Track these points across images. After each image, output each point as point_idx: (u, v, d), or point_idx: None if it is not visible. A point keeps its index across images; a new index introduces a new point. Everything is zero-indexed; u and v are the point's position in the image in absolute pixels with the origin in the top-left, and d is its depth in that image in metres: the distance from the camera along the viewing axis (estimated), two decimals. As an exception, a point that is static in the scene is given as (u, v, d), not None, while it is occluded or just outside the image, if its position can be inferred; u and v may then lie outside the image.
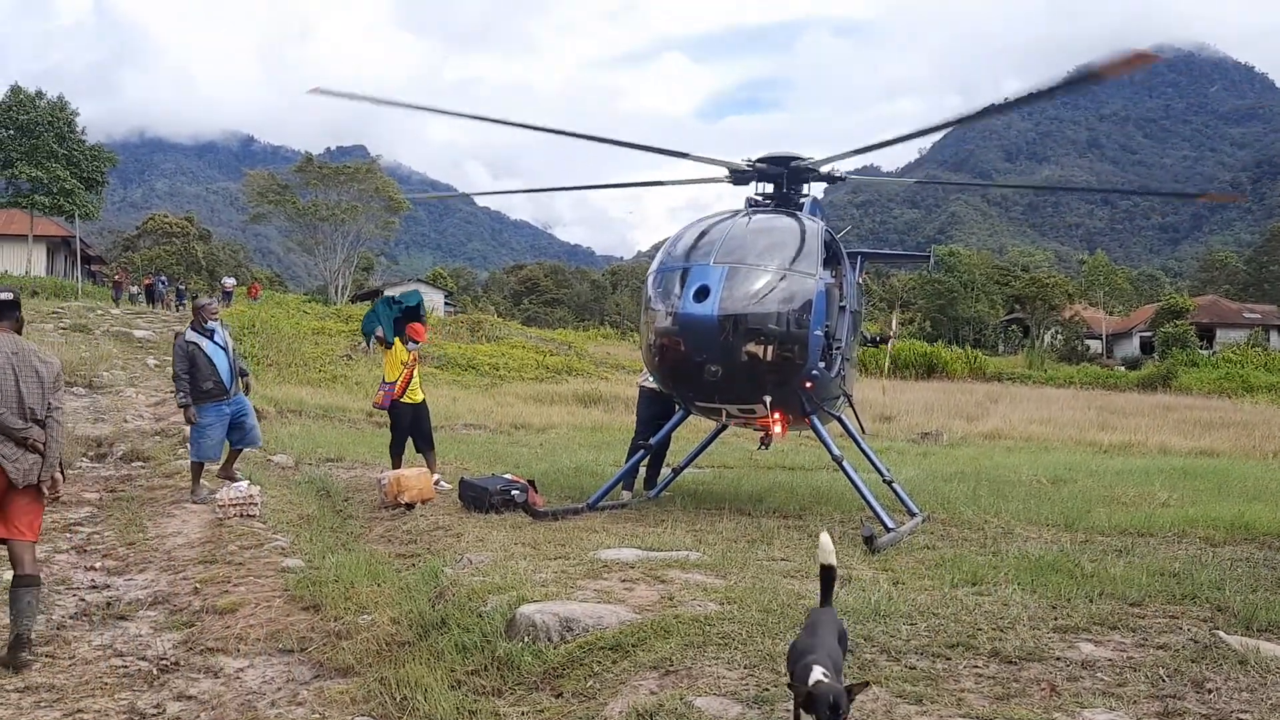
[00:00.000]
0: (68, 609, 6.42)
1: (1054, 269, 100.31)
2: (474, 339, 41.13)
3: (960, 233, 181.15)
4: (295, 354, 29.84)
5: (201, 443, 9.97)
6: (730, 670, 4.31)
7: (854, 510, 9.50)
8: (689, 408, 9.13)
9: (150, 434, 14.48)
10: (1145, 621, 5.22)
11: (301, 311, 42.48)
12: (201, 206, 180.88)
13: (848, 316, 9.29)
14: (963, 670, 4.33)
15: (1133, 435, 23.45)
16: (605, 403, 26.90)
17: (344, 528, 9.06)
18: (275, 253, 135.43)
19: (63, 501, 9.88)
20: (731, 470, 14.01)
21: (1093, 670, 4.36)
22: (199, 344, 10.00)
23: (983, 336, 79.75)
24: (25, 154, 48.73)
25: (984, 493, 11.09)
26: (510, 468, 11.61)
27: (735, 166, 9.59)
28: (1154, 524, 9.00)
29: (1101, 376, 53.62)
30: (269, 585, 6.77)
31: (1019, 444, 21.97)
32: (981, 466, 15.04)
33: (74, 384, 18.68)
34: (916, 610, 5.26)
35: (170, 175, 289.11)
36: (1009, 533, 8.49)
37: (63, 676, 5.19)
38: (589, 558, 6.68)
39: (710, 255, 8.26)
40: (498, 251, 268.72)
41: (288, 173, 72.52)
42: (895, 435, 22.71)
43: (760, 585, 5.81)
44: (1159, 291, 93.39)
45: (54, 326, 26.80)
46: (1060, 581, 6.10)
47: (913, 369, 47.68)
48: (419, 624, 5.55)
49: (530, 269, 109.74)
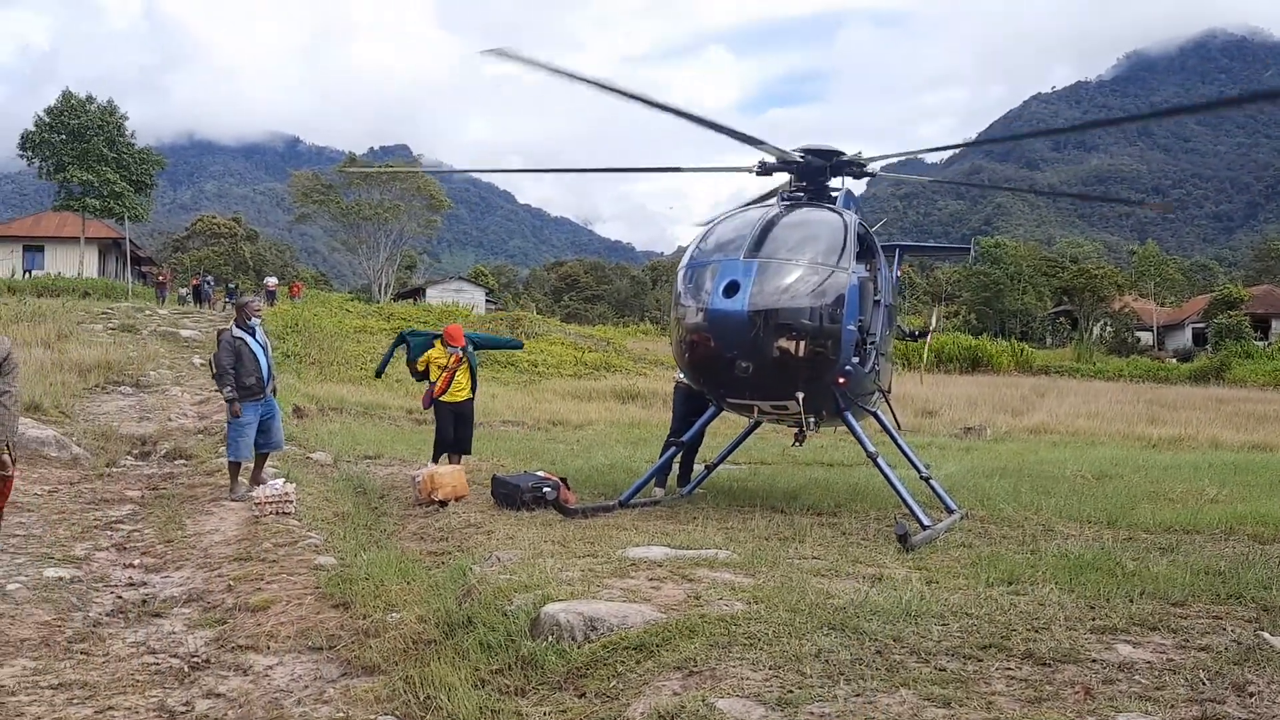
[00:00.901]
0: (104, 606, 6.49)
1: (1103, 260, 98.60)
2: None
3: (1006, 224, 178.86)
4: (337, 352, 30.13)
5: (239, 442, 10.06)
6: (755, 671, 4.24)
7: (890, 507, 9.36)
8: (720, 404, 9.06)
9: (193, 432, 14.67)
10: (1187, 622, 5.08)
11: (344, 310, 42.93)
12: (249, 207, 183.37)
13: (882, 311, 9.16)
14: (994, 672, 4.23)
15: (1183, 429, 23.01)
16: (643, 399, 26.86)
17: (378, 525, 9.10)
18: (320, 252, 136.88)
19: (106, 500, 10.07)
20: (768, 466, 13.91)
21: (1130, 672, 4.24)
22: (244, 339, 10.11)
23: (1030, 329, 78.71)
24: (76, 158, 49.76)
25: (1025, 489, 10.91)
26: (545, 464, 11.60)
27: (786, 155, 9.33)
28: (1201, 521, 8.80)
29: (1152, 369, 52.71)
30: (301, 583, 6.80)
31: (1065, 439, 21.62)
32: (1024, 462, 14.82)
33: (121, 383, 19.01)
34: (949, 610, 5.15)
35: (218, 177, 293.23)
36: (1049, 530, 8.34)
37: (96, 673, 5.23)
38: (617, 556, 6.64)
39: (740, 250, 8.17)
40: (538, 248, 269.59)
41: (331, 172, 73.35)
42: (938, 430, 22.46)
43: (789, 584, 5.73)
44: (1212, 282, 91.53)
45: (103, 327, 27.27)
46: (1100, 580, 5.97)
47: (957, 362, 47.16)
48: (445, 622, 5.54)
49: (570, 265, 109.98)
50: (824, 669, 4.21)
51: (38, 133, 50.88)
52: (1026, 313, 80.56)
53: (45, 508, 9.45)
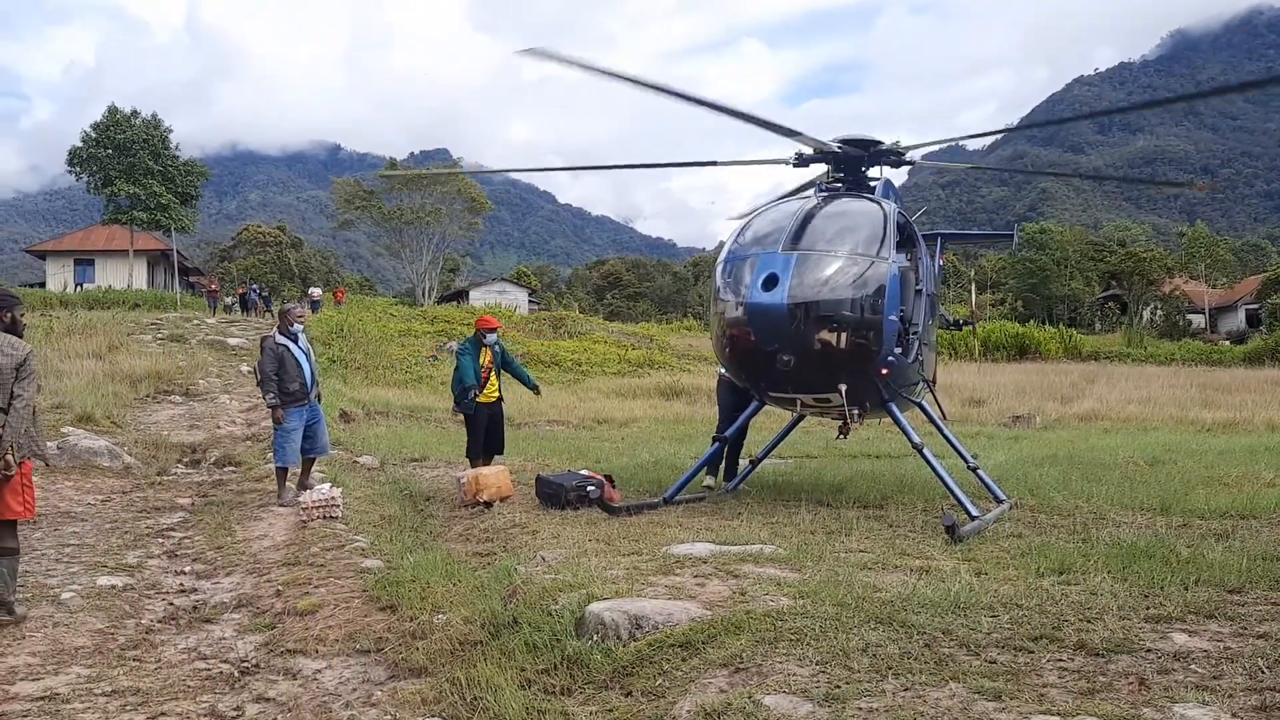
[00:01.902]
0: (156, 613, 6.58)
1: (1152, 242, 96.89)
2: (557, 335, 41.45)
3: (1052, 209, 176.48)
4: (382, 356, 30.39)
5: (286, 447, 10.16)
6: (801, 667, 4.20)
7: (938, 498, 9.25)
8: (762, 398, 9.00)
9: (242, 439, 14.87)
10: (1244, 610, 4.96)
11: (388, 314, 43.29)
12: (292, 215, 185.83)
13: (924, 300, 9.05)
14: (1046, 664, 4.15)
15: (1238, 412, 22.51)
16: (687, 395, 26.82)
17: (424, 527, 9.15)
18: (364, 257, 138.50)
19: (157, 508, 10.24)
20: (814, 460, 13.82)
21: (1186, 662, 4.14)
22: (287, 346, 10.21)
23: (1078, 315, 77.53)
24: (123, 172, 50.61)
25: (1076, 477, 10.73)
26: (590, 463, 11.61)
27: (822, 145, 9.26)
28: (1258, 506, 8.60)
29: (1205, 352, 51.65)
30: (348, 586, 6.85)
31: (1116, 425, 21.26)
32: (1075, 450, 14.57)
33: (171, 392, 19.31)
34: (999, 601, 5.07)
35: (262, 186, 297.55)
36: (1101, 518, 8.19)
37: (148, 680, 5.30)
38: (661, 553, 6.61)
39: (779, 243, 8.11)
40: (580, 248, 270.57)
41: (373, 178, 74.06)
42: (985, 420, 22.18)
43: (835, 579, 5.66)
44: (1265, 262, 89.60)
45: (153, 337, 27.72)
46: (1154, 568, 5.84)
47: (1004, 350, 46.55)
48: (491, 623, 5.54)
49: (612, 264, 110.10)
50: (871, 663, 4.15)
51: (85, 148, 51.81)
52: (1074, 298, 79.34)
53: (98, 517, 9.62)
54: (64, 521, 9.28)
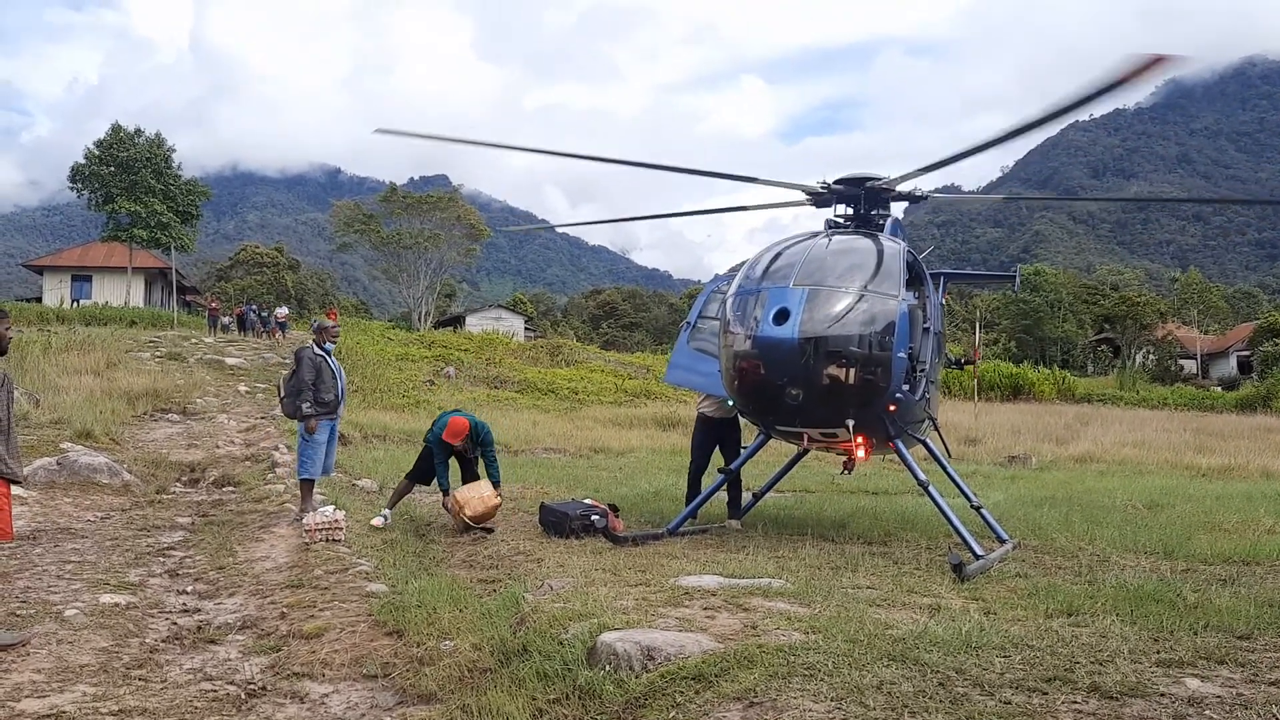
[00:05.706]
0: (160, 632, 6.54)
1: (1145, 287, 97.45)
2: (553, 363, 41.47)
3: (1045, 251, 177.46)
4: (379, 380, 30.35)
5: (315, 459, 10.11)
6: (817, 703, 4.19)
7: (941, 536, 9.27)
8: (769, 432, 9.02)
9: (240, 459, 14.82)
10: (1255, 656, 4.97)
11: (385, 338, 43.28)
12: (291, 237, 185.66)
13: (931, 338, 9.10)
14: (1060, 706, 4.15)
15: (1232, 458, 22.59)
16: (684, 426, 26.71)
17: (426, 552, 9.12)
18: (360, 280, 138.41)
19: (157, 526, 10.19)
20: (814, 495, 13.82)
21: (1200, 707, 4.14)
22: (325, 358, 10.22)
23: (1071, 357, 77.82)
24: (125, 189, 50.78)
25: (1076, 518, 10.76)
26: (590, 492, 11.59)
27: (809, 189, 9.50)
28: (1260, 552, 8.63)
29: (1197, 397, 51.93)
30: (354, 610, 6.82)
31: (1111, 467, 21.31)
32: (1073, 491, 14.60)
33: (169, 410, 19.28)
34: (1010, 642, 5.07)
35: (261, 207, 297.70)
36: (1105, 560, 8.21)
37: (154, 700, 5.26)
38: (670, 584, 6.60)
39: (790, 278, 8.17)
40: (576, 277, 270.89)
41: (373, 202, 74.25)
42: (981, 458, 22.21)
43: (846, 614, 5.66)
44: (1257, 309, 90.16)
45: (150, 355, 27.70)
46: (1162, 612, 5.86)
47: (998, 390, 46.70)
48: (500, 651, 5.52)
49: (608, 293, 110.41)
50: (887, 701, 4.15)
51: (87, 165, 52.00)
52: (1067, 340, 79.69)
53: (98, 533, 9.58)
54: (64, 538, 9.24)
